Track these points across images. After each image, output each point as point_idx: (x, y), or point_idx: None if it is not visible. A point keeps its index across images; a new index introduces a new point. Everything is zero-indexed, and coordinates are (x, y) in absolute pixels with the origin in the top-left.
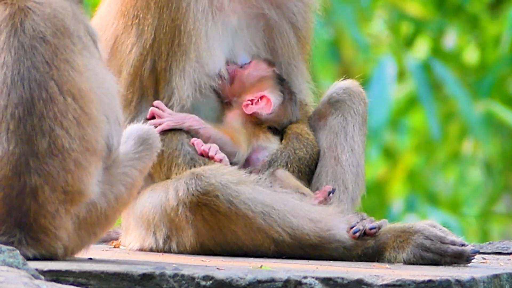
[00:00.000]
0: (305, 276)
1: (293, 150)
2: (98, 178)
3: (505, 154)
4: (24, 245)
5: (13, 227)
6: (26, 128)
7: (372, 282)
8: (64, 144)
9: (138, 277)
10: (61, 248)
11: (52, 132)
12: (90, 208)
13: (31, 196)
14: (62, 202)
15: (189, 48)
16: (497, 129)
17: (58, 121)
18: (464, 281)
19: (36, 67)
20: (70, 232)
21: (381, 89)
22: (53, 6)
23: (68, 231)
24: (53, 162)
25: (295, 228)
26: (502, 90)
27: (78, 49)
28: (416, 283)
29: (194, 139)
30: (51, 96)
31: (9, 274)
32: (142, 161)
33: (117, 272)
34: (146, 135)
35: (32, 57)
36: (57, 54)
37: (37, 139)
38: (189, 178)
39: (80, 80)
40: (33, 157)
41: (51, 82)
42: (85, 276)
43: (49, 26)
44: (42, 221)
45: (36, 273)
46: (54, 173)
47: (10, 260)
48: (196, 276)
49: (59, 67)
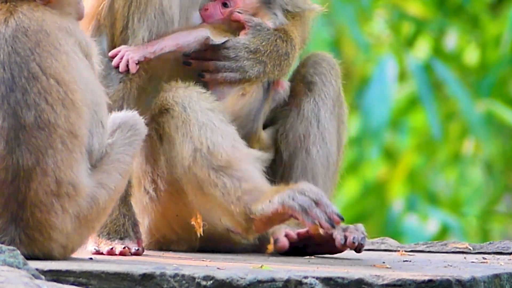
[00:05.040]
0: (306, 276)
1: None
2: (87, 169)
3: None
4: (17, 244)
5: (8, 223)
6: (10, 103)
7: (372, 282)
8: (50, 118)
9: (139, 277)
10: (58, 247)
11: (37, 106)
12: (92, 204)
13: (25, 182)
14: (56, 196)
15: None
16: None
17: (42, 96)
18: (465, 281)
19: (17, 51)
20: (69, 232)
21: (381, 89)
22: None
23: (67, 231)
24: (41, 136)
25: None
26: (502, 90)
27: (64, 49)
28: (416, 283)
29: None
30: (33, 75)
31: (10, 274)
32: (133, 147)
33: (117, 272)
34: (132, 120)
35: (13, 44)
36: (40, 45)
37: (22, 112)
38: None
39: (63, 71)
40: (22, 130)
41: (32, 63)
42: (85, 276)
43: (33, 24)
44: (39, 216)
45: (37, 273)
46: (42, 148)
47: (10, 260)
48: (196, 276)
49: (41, 54)
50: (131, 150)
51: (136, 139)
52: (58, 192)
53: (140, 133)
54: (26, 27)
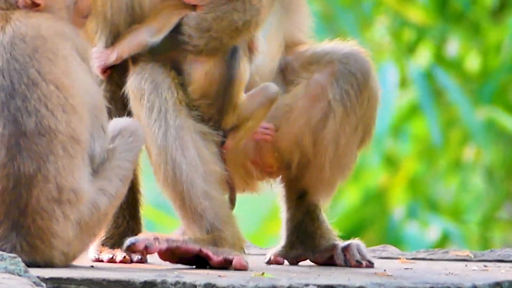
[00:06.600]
0: (307, 283)
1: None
2: (88, 175)
3: (507, 161)
4: (19, 251)
5: (9, 230)
6: (10, 110)
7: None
8: (50, 125)
9: (140, 285)
10: (60, 255)
11: (38, 112)
12: (93, 210)
13: (27, 188)
14: (57, 202)
15: None
16: (498, 136)
17: (42, 102)
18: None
19: (16, 58)
20: (70, 239)
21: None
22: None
23: (68, 238)
24: (41, 142)
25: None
26: (503, 97)
27: (62, 54)
28: None
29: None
30: (33, 82)
31: (11, 281)
32: (133, 152)
33: (118, 279)
34: (133, 126)
35: (12, 51)
36: (38, 51)
37: (23, 118)
38: None
39: (62, 76)
40: (22, 136)
41: (31, 69)
42: (86, 284)
43: (30, 31)
44: (40, 223)
45: (38, 281)
46: (43, 155)
47: (11, 268)
48: (197, 284)
49: (40, 60)
50: (131, 156)
51: (136, 145)
52: (59, 198)
53: (141, 140)
54: (24, 34)
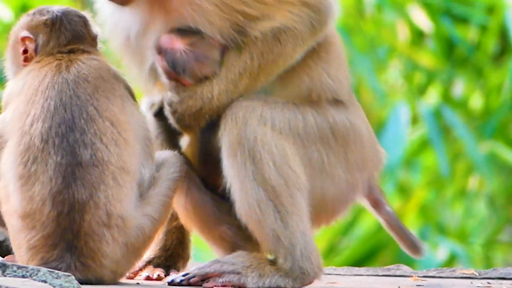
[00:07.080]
0: None
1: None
2: (136, 201)
3: (507, 189)
4: (72, 270)
5: (64, 251)
6: (69, 141)
7: None
8: (103, 157)
9: None
10: (109, 273)
11: (93, 145)
12: (138, 233)
13: (80, 214)
14: (107, 226)
15: None
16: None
17: (98, 136)
18: None
19: (78, 95)
20: (118, 259)
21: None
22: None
23: (116, 258)
24: (95, 172)
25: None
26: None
27: (118, 94)
28: None
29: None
30: (91, 117)
31: None
32: (174, 182)
33: None
34: (174, 158)
35: (75, 88)
36: (98, 91)
37: (80, 150)
38: None
39: (118, 112)
40: (78, 166)
41: (91, 107)
42: None
43: (92, 72)
44: (91, 244)
45: None
46: (96, 184)
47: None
48: None
49: (99, 99)
50: (173, 185)
51: (177, 176)
52: (108, 223)
53: (181, 171)
54: (87, 74)
